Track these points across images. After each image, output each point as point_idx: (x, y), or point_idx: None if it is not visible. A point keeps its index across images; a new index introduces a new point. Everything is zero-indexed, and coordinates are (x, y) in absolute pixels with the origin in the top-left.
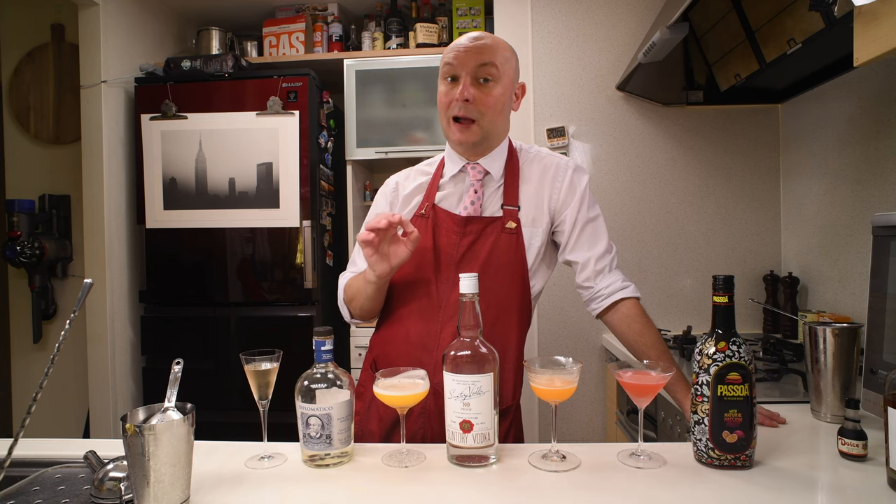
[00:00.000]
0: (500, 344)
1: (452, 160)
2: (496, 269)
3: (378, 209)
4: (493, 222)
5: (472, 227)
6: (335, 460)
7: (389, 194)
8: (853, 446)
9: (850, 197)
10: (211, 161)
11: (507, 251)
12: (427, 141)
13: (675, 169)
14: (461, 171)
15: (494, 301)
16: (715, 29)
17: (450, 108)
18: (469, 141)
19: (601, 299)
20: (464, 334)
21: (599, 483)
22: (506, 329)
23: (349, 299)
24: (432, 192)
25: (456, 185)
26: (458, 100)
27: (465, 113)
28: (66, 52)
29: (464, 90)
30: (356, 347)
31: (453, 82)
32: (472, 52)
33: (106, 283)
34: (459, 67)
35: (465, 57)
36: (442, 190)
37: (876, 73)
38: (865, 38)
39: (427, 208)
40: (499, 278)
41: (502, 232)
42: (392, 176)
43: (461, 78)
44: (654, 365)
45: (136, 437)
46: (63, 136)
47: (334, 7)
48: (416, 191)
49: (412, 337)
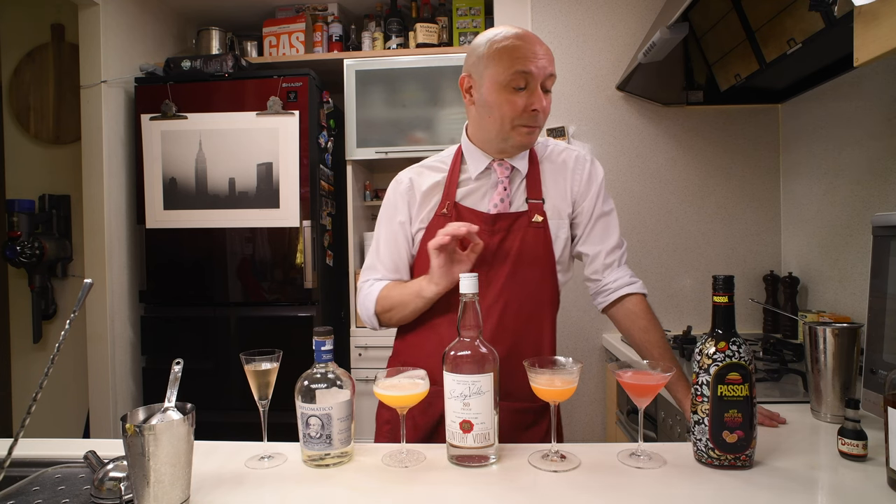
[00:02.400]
0: (535, 337)
1: (475, 157)
2: (528, 263)
3: (394, 209)
4: (520, 217)
5: (501, 223)
6: (335, 460)
7: (405, 193)
8: (853, 446)
9: (850, 197)
10: (211, 161)
11: (536, 245)
12: (427, 141)
13: (675, 169)
14: (487, 169)
15: (529, 296)
16: (715, 29)
17: (521, 116)
18: (531, 144)
19: (608, 293)
20: (464, 334)
21: (599, 483)
22: (541, 322)
23: (384, 310)
24: (452, 190)
25: (480, 182)
26: (532, 109)
27: (537, 122)
28: (66, 52)
29: (541, 100)
30: (356, 347)
31: (520, 90)
32: (543, 60)
33: (106, 283)
34: (537, 77)
35: (540, 66)
36: (463, 187)
37: (876, 73)
38: (865, 38)
39: (449, 207)
40: (531, 273)
41: (529, 226)
42: (401, 173)
43: (532, 86)
44: (655, 365)
45: (136, 437)
46: (63, 136)
47: (334, 7)
48: (432, 189)
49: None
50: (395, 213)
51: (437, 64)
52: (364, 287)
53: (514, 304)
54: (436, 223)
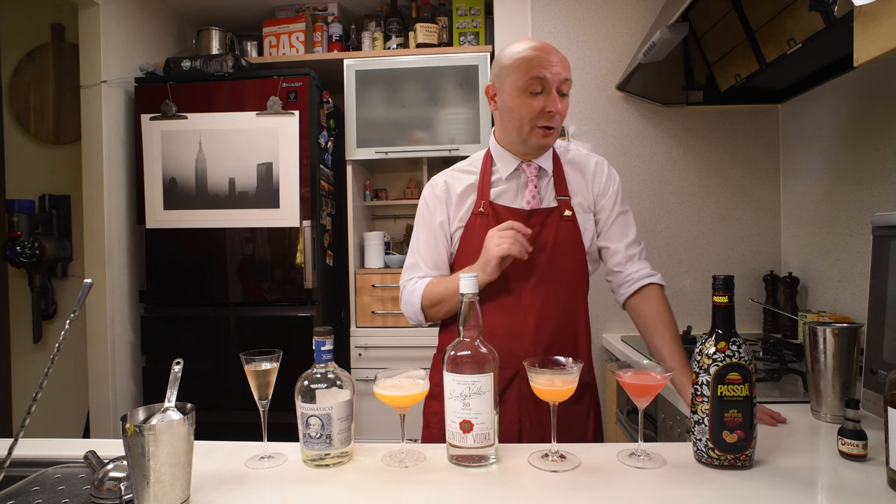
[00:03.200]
0: (572, 325)
1: (505, 160)
2: (563, 254)
3: (432, 210)
4: (552, 212)
5: (536, 218)
6: (335, 460)
7: (442, 195)
8: (853, 446)
9: (850, 197)
10: (211, 161)
11: (568, 237)
12: (427, 141)
13: (675, 169)
14: (516, 170)
15: (566, 285)
16: (715, 29)
17: (537, 118)
18: (550, 145)
19: (630, 283)
20: (464, 334)
21: (599, 483)
22: (577, 311)
23: (431, 304)
24: (486, 191)
25: (510, 182)
26: (549, 111)
27: (553, 123)
28: (66, 52)
29: (556, 103)
30: (356, 347)
31: (537, 94)
32: (557, 67)
33: (106, 283)
34: (552, 82)
35: (554, 72)
36: (495, 187)
37: (876, 73)
38: (865, 38)
39: (485, 206)
40: (566, 263)
41: (561, 220)
42: (435, 177)
43: (548, 90)
44: (654, 365)
45: (136, 437)
46: (63, 136)
47: (334, 7)
48: (467, 191)
49: (498, 330)
50: (434, 214)
51: (437, 64)
52: (408, 285)
53: (553, 292)
54: (474, 221)
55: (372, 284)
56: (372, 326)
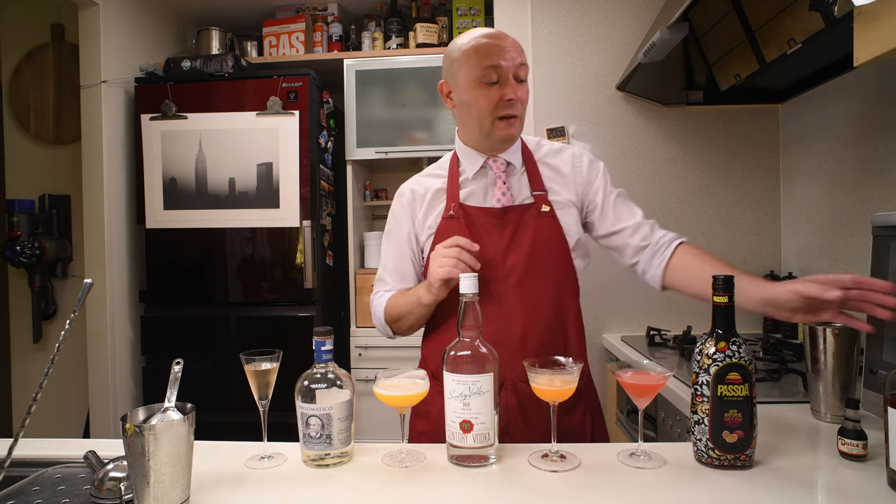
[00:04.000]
0: (562, 328)
1: (470, 158)
2: (545, 252)
3: (398, 221)
4: (528, 209)
5: (510, 216)
6: (335, 460)
7: (408, 205)
8: (853, 446)
9: (850, 197)
10: (211, 161)
11: (548, 233)
12: (427, 141)
13: (675, 169)
14: (482, 167)
15: (551, 285)
16: (715, 29)
17: (496, 108)
18: (516, 135)
19: (664, 248)
20: (464, 334)
21: (599, 483)
22: (566, 313)
23: (393, 320)
24: (455, 193)
25: (478, 181)
26: (509, 100)
27: (514, 111)
28: (66, 52)
29: (513, 90)
30: (356, 347)
31: (493, 84)
32: (511, 52)
33: (106, 283)
34: (507, 69)
35: (508, 58)
36: (464, 188)
37: (876, 73)
38: (865, 38)
39: (455, 208)
40: (550, 260)
41: (539, 216)
42: (402, 185)
43: (504, 78)
44: (654, 365)
45: (136, 437)
46: (63, 136)
47: (334, 7)
48: (435, 195)
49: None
50: (401, 225)
51: (437, 64)
52: (374, 299)
53: (537, 294)
54: (444, 226)
55: (372, 284)
56: (372, 326)
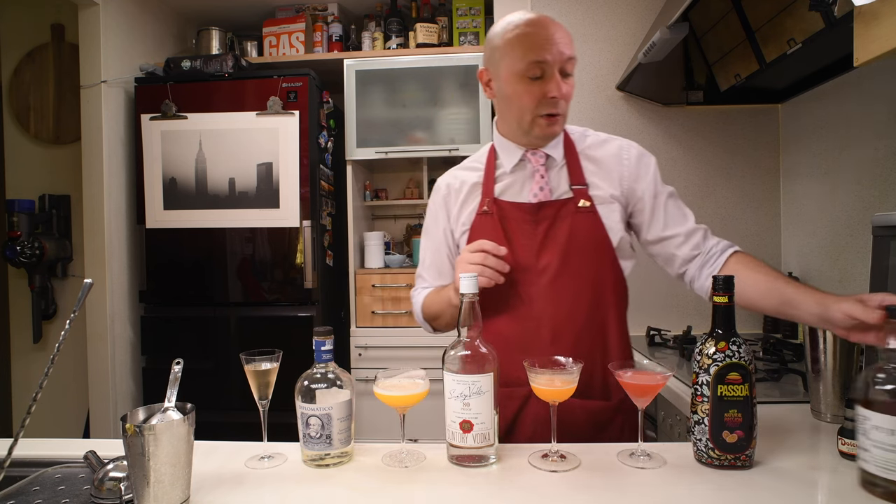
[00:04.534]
0: (599, 328)
1: (509, 151)
2: (581, 250)
3: (435, 217)
4: (565, 204)
5: (546, 211)
6: (335, 460)
7: (443, 200)
8: (853, 446)
9: (850, 197)
10: (211, 161)
11: (587, 230)
12: (427, 141)
13: (675, 169)
14: (521, 160)
15: (587, 283)
16: (715, 29)
17: (539, 106)
18: (557, 133)
19: (717, 256)
20: (464, 334)
21: (599, 483)
22: (604, 316)
23: (431, 318)
24: (490, 187)
25: (516, 174)
26: (551, 97)
27: (557, 109)
28: (66, 52)
29: (557, 87)
30: (356, 347)
31: (537, 79)
32: (559, 45)
33: (106, 283)
34: (553, 64)
35: (555, 52)
36: (500, 182)
37: (876, 73)
38: (865, 38)
39: (489, 204)
40: (586, 259)
41: (577, 212)
42: (438, 179)
43: (549, 73)
44: (654, 365)
45: (136, 437)
46: (63, 136)
47: (334, 7)
48: (472, 190)
49: (510, 340)
50: (436, 221)
51: (437, 64)
52: (414, 295)
53: (570, 295)
54: (478, 221)
55: (372, 284)
56: (372, 326)
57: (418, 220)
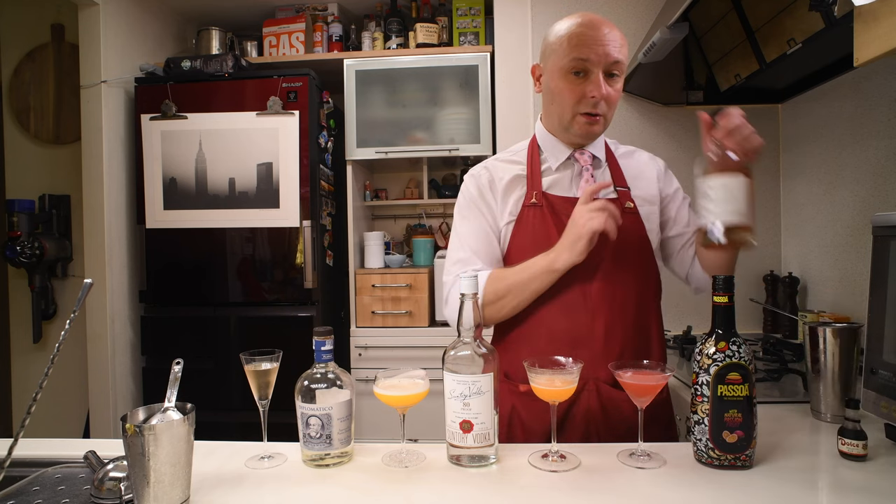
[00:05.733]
0: (644, 329)
1: (555, 149)
2: (629, 248)
3: (479, 200)
4: (613, 203)
5: None
6: (335, 460)
7: (487, 185)
8: (853, 446)
9: (850, 197)
10: (211, 161)
11: (632, 230)
12: (427, 141)
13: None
14: (568, 159)
15: (634, 284)
16: (715, 29)
17: (579, 104)
18: (597, 134)
19: None
20: (464, 334)
21: (599, 483)
22: (648, 313)
23: (497, 298)
24: (538, 181)
25: (561, 172)
26: (592, 97)
27: (598, 110)
28: (66, 52)
29: (597, 87)
30: (356, 347)
31: (580, 76)
32: (606, 46)
33: (106, 283)
34: (595, 64)
35: (600, 53)
36: (546, 177)
37: (876, 73)
38: (865, 38)
39: (538, 196)
40: (633, 259)
41: (624, 212)
42: (474, 168)
43: (593, 73)
44: (655, 365)
45: (136, 437)
46: (63, 136)
47: (334, 7)
48: (513, 182)
49: (558, 334)
50: (481, 203)
51: (437, 64)
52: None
53: (621, 291)
54: (526, 213)
55: (372, 284)
56: (372, 326)
57: (418, 221)
